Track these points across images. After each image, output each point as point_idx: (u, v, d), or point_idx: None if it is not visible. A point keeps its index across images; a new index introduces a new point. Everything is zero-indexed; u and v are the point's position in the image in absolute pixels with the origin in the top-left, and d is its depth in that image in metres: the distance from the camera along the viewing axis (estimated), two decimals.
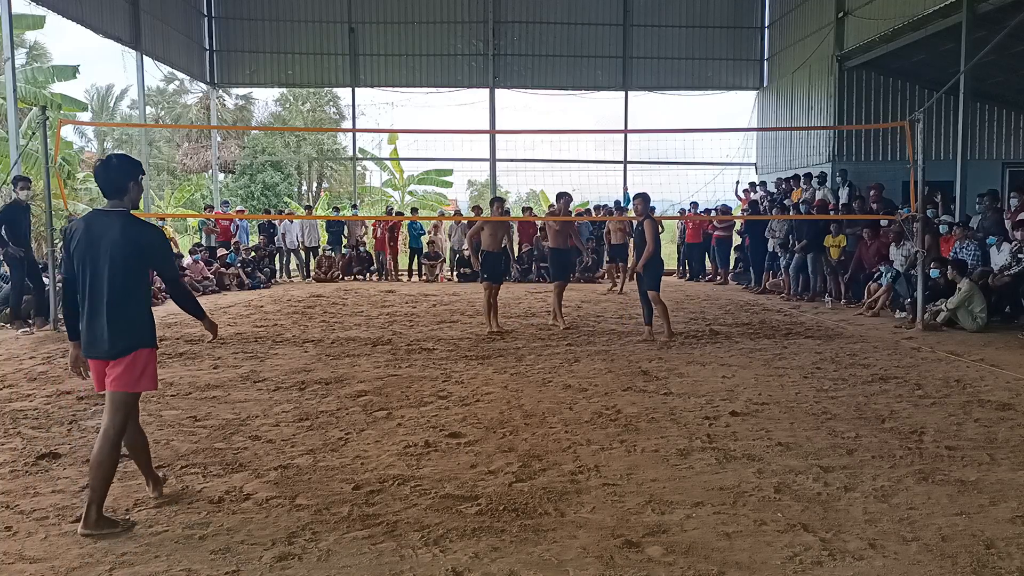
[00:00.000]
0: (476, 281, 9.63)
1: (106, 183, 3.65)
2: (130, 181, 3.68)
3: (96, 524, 3.50)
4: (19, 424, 5.37)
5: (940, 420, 5.44)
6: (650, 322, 9.06)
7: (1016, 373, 7.00)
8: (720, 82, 21.87)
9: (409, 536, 3.50)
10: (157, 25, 17.86)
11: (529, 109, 38.41)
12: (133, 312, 3.62)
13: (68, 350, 3.84)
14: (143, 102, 18.19)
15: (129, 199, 3.69)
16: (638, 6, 21.31)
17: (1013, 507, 3.83)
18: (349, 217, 18.97)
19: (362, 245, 18.42)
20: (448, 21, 21.08)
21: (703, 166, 20.76)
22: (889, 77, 17.50)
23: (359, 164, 25.52)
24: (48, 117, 9.86)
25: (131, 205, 3.71)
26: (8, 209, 9.73)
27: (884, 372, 7.04)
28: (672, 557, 3.30)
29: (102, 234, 3.55)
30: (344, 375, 7.00)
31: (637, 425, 5.33)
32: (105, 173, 3.65)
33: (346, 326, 10.16)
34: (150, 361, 3.68)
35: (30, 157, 14.96)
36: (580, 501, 3.93)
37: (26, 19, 16.40)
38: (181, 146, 33.05)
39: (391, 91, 22.16)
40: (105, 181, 3.65)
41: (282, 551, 3.35)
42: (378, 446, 4.88)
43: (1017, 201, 10.51)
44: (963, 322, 9.45)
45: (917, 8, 13.66)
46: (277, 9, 21.02)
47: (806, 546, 3.39)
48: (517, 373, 7.11)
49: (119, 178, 3.65)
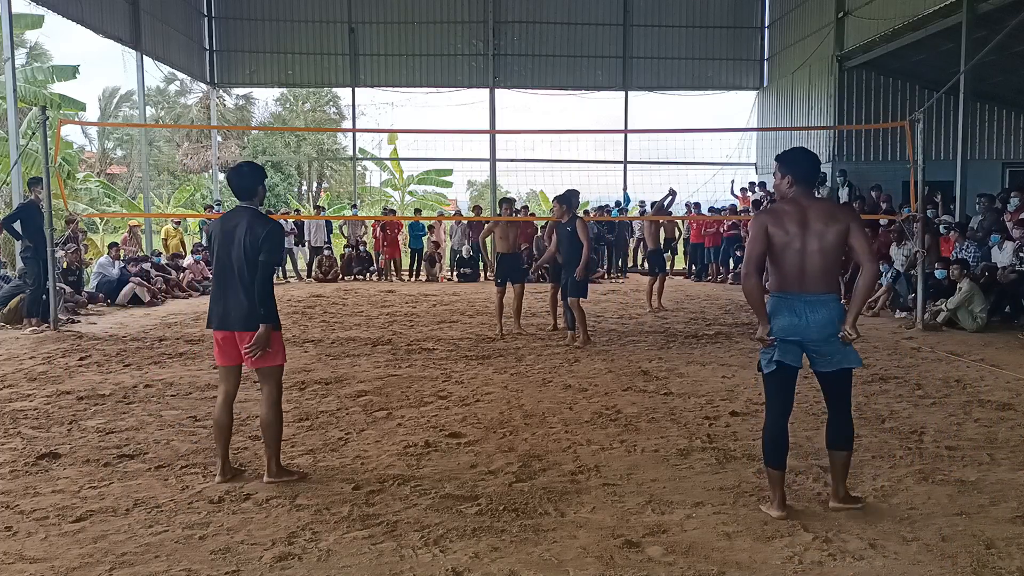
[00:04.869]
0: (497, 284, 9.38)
1: (239, 187, 4.24)
2: (258, 185, 4.27)
3: (277, 473, 4.19)
4: (19, 424, 5.36)
5: (940, 420, 5.44)
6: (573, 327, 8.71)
7: (1016, 373, 7.00)
8: (720, 82, 21.86)
9: (409, 536, 3.50)
10: (157, 25, 17.85)
11: (529, 109, 38.40)
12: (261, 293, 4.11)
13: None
14: (143, 102, 18.19)
15: (257, 199, 4.29)
16: (638, 6, 21.30)
17: (1013, 507, 3.83)
18: (350, 217, 18.97)
19: (362, 245, 18.42)
20: (448, 21, 21.07)
21: (703, 166, 20.74)
22: (889, 77, 17.50)
23: (359, 164, 25.52)
24: (48, 117, 9.87)
25: (259, 203, 4.32)
26: (23, 208, 9.95)
27: (884, 372, 7.04)
28: (672, 557, 3.30)
29: (235, 227, 4.14)
30: (344, 375, 7.00)
31: (637, 425, 5.33)
32: (239, 179, 4.23)
33: (346, 326, 10.16)
34: (278, 338, 4.22)
35: (30, 157, 14.95)
36: (580, 501, 3.93)
37: (25, 19, 16.39)
38: (181, 146, 33.03)
39: (391, 91, 22.16)
40: (238, 185, 4.24)
41: (282, 551, 3.35)
42: (378, 446, 4.88)
43: (1019, 200, 10.51)
44: (963, 322, 9.45)
45: (917, 8, 13.66)
46: (277, 9, 21.01)
47: (806, 546, 3.39)
48: (517, 373, 7.11)
49: (251, 183, 4.24)
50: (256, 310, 4.08)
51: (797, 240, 3.58)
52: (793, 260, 3.61)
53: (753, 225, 3.69)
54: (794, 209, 3.64)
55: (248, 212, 4.20)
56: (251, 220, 4.14)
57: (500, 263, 9.51)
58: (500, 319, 9.37)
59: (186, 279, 14.25)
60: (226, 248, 4.14)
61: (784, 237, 3.60)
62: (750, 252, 3.65)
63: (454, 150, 23.16)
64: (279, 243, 4.36)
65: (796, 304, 3.64)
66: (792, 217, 3.62)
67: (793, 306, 3.64)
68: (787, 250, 3.60)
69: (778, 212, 3.68)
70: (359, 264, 18.00)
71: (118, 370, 7.25)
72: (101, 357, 7.85)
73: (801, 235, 3.59)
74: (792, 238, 3.59)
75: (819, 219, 3.60)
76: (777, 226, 3.61)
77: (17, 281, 10.59)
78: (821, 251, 3.59)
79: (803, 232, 3.59)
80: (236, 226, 4.13)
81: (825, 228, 3.59)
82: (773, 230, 3.62)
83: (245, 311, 4.11)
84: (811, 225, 3.59)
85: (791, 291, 3.65)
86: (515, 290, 9.57)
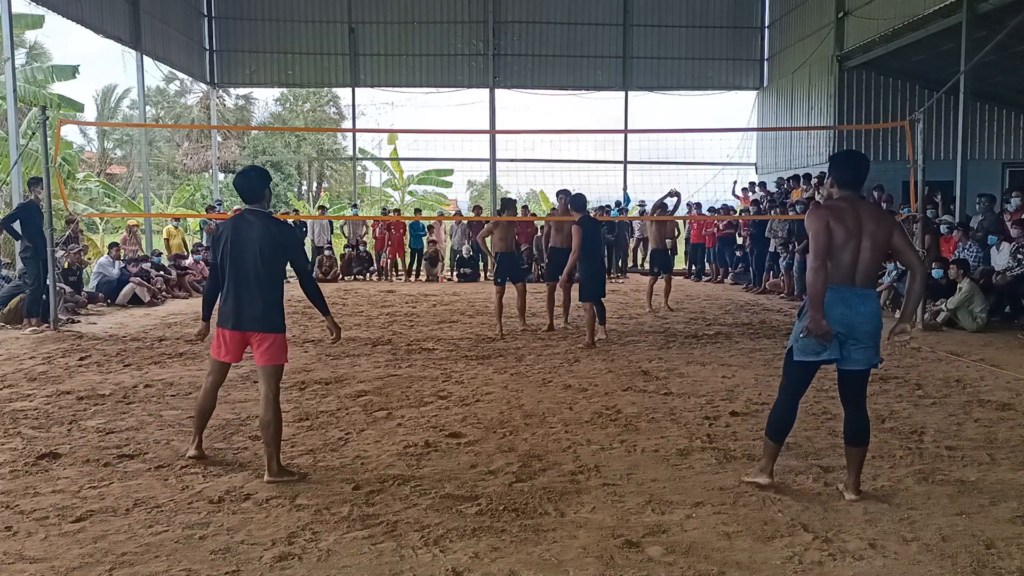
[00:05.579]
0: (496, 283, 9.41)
1: (246, 191, 4.32)
2: (265, 188, 4.35)
3: (278, 473, 4.22)
4: (19, 424, 5.36)
5: (940, 420, 5.44)
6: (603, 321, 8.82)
7: (1016, 373, 7.00)
8: (720, 82, 21.87)
9: (409, 536, 3.50)
10: (157, 25, 17.84)
11: (529, 109, 38.46)
12: (271, 295, 4.26)
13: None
14: (143, 102, 18.19)
15: (265, 202, 4.36)
16: (638, 6, 21.30)
17: (1013, 507, 3.83)
18: (351, 217, 18.97)
19: (362, 245, 18.41)
20: (448, 21, 21.07)
21: (703, 166, 20.75)
22: (889, 77, 17.49)
23: (359, 164, 25.52)
24: (48, 117, 9.87)
25: (267, 206, 4.39)
26: (23, 208, 9.96)
27: (884, 372, 7.03)
28: (672, 557, 3.30)
29: (249, 231, 4.20)
30: (344, 375, 7.00)
31: (637, 425, 5.33)
32: (247, 183, 4.32)
33: (346, 326, 10.15)
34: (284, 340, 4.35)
35: (30, 157, 14.95)
36: (580, 501, 3.93)
37: (25, 19, 16.39)
38: (181, 146, 33.02)
39: (391, 91, 22.17)
40: (246, 189, 4.32)
41: (282, 551, 3.35)
42: (378, 446, 4.89)
43: (1019, 200, 10.51)
44: (963, 322, 9.45)
45: (917, 8, 13.65)
46: (277, 9, 21.00)
47: (806, 546, 3.39)
48: (517, 373, 7.11)
49: (259, 186, 4.32)
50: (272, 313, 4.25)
51: (854, 237, 3.76)
52: (849, 254, 3.77)
53: (814, 220, 3.81)
54: (848, 207, 3.81)
55: (261, 215, 4.29)
56: (266, 223, 4.24)
57: (500, 262, 9.54)
58: (500, 319, 9.36)
59: (188, 279, 14.24)
60: (240, 250, 4.20)
61: (843, 232, 3.77)
62: (818, 246, 3.76)
63: (454, 150, 23.20)
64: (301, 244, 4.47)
65: (848, 297, 3.79)
66: (848, 214, 3.79)
67: (846, 299, 3.79)
68: (845, 245, 3.77)
69: (835, 208, 3.83)
70: (359, 264, 18.00)
71: (118, 370, 7.25)
72: (101, 357, 7.85)
73: (857, 232, 3.77)
74: (850, 234, 3.76)
75: (871, 219, 3.80)
76: (837, 221, 3.76)
77: (17, 281, 10.59)
78: (872, 248, 3.79)
79: (859, 229, 3.77)
80: (251, 229, 4.21)
81: (876, 228, 3.78)
82: (834, 225, 3.77)
83: (260, 312, 4.21)
84: (865, 223, 3.78)
85: (844, 284, 3.79)
86: (517, 288, 9.61)
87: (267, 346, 4.26)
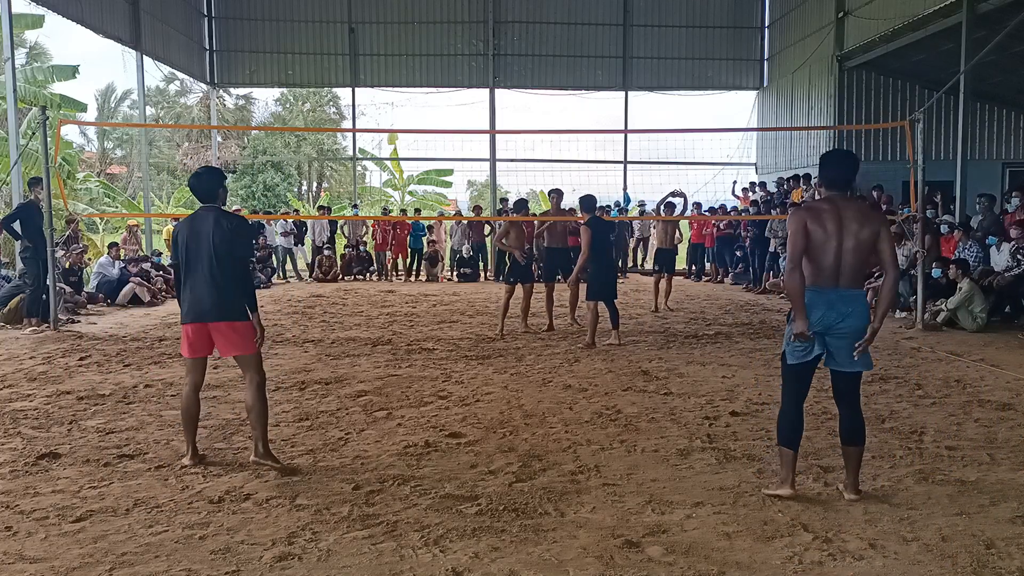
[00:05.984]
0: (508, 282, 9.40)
1: (199, 190, 4.51)
2: (218, 187, 4.53)
3: (264, 455, 4.37)
4: (19, 424, 5.37)
5: (940, 420, 5.44)
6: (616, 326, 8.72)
7: (1016, 373, 7.00)
8: (720, 82, 21.86)
9: (409, 536, 3.50)
10: (157, 25, 17.84)
11: (529, 109, 38.38)
12: (226, 283, 4.35)
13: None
14: (143, 102, 18.19)
15: (219, 200, 4.55)
16: (638, 6, 21.30)
17: (1013, 507, 3.83)
18: (352, 217, 18.96)
19: (362, 245, 18.41)
20: (448, 21, 21.07)
21: (703, 166, 20.75)
22: (889, 77, 17.49)
23: (359, 164, 25.51)
24: (48, 117, 9.87)
25: (220, 204, 4.57)
26: (23, 208, 9.96)
27: (884, 372, 7.03)
28: (672, 557, 3.30)
29: (202, 225, 4.38)
30: (344, 375, 7.00)
31: (637, 425, 5.33)
32: (199, 183, 4.51)
33: (346, 326, 10.16)
34: (250, 328, 4.44)
35: (30, 157, 14.95)
36: (580, 501, 3.93)
37: (25, 19, 16.38)
38: (181, 146, 33.01)
39: (391, 91, 22.15)
40: (198, 189, 4.51)
41: (282, 551, 3.36)
42: (378, 446, 4.89)
43: (1019, 201, 10.51)
44: (963, 322, 9.45)
45: (917, 8, 13.65)
46: (277, 9, 21.00)
47: (806, 546, 3.39)
48: (517, 373, 7.11)
49: (211, 186, 4.51)
50: (229, 301, 4.35)
51: (834, 237, 3.75)
52: (830, 255, 3.77)
53: (792, 222, 3.84)
54: (830, 207, 3.81)
55: (213, 210, 4.46)
56: (217, 217, 4.41)
57: (514, 262, 9.50)
58: (503, 318, 9.33)
59: None
60: (196, 244, 4.37)
61: (822, 233, 3.76)
62: (793, 249, 3.79)
63: (454, 150, 23.16)
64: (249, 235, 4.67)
65: (831, 297, 3.80)
66: (829, 215, 3.78)
67: (828, 299, 3.79)
68: (825, 246, 3.76)
69: (815, 209, 3.84)
70: (359, 264, 18.00)
71: (118, 370, 7.25)
72: (101, 357, 7.85)
73: (838, 232, 3.76)
74: (830, 235, 3.75)
75: (854, 219, 3.78)
76: (815, 222, 3.76)
77: (17, 281, 10.59)
78: (855, 249, 3.78)
79: (839, 230, 3.76)
80: (204, 223, 4.39)
81: (860, 228, 3.76)
82: (812, 226, 3.78)
83: (217, 302, 4.35)
84: (846, 223, 3.76)
85: (826, 285, 3.80)
86: (525, 289, 9.65)
87: (229, 335, 4.37)
